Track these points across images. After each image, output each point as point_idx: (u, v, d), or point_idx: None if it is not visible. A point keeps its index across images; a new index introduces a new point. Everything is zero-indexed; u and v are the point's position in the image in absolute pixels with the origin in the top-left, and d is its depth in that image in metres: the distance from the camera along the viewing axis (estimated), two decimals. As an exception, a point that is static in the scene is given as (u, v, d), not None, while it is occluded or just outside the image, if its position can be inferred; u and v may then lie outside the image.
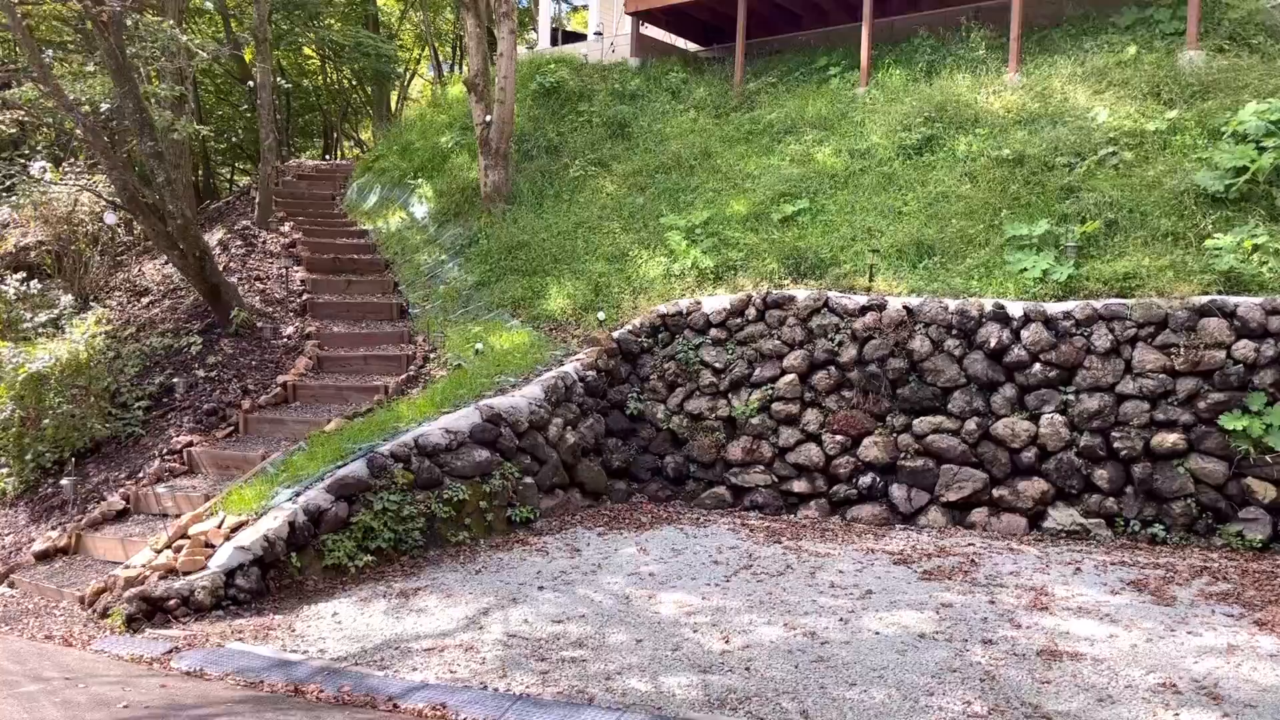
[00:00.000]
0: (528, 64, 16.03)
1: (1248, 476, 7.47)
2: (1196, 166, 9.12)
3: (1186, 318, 7.76)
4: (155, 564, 6.94)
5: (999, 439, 8.24)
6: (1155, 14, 11.67)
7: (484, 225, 13.04)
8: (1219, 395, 7.58)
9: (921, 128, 11.37)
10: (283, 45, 21.82)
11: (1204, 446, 7.61)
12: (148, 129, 10.27)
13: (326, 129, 27.40)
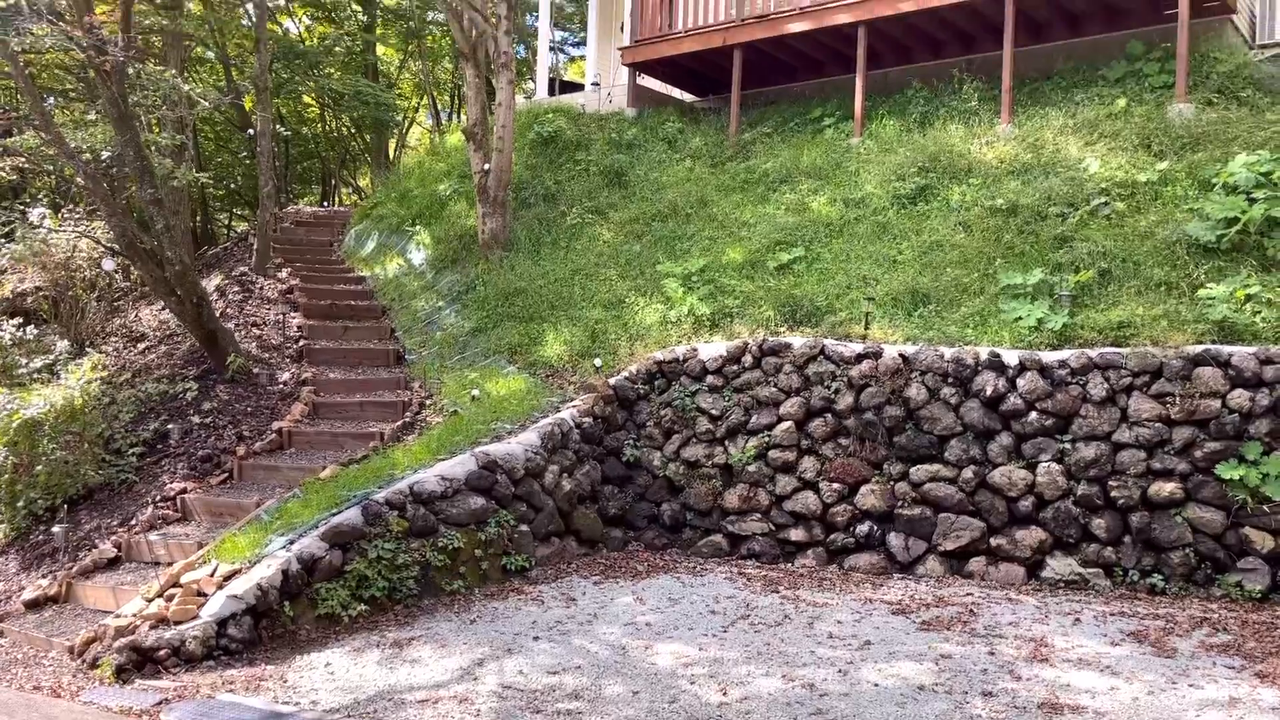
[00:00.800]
0: (526, 113, 16.20)
1: (1246, 526, 7.45)
2: (1188, 217, 9.22)
3: (1181, 367, 7.79)
4: (146, 613, 6.87)
5: (996, 487, 8.23)
6: (1144, 67, 11.85)
7: (481, 272, 13.10)
8: (1215, 444, 7.59)
9: (915, 177, 11.49)
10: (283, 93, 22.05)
11: (1201, 496, 7.60)
12: (148, 176, 10.35)
13: (325, 176, 27.61)
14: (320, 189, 28.01)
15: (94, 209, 13.42)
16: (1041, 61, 13.14)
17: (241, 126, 21.66)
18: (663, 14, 15.41)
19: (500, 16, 13.39)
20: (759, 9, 14.28)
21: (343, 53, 23.85)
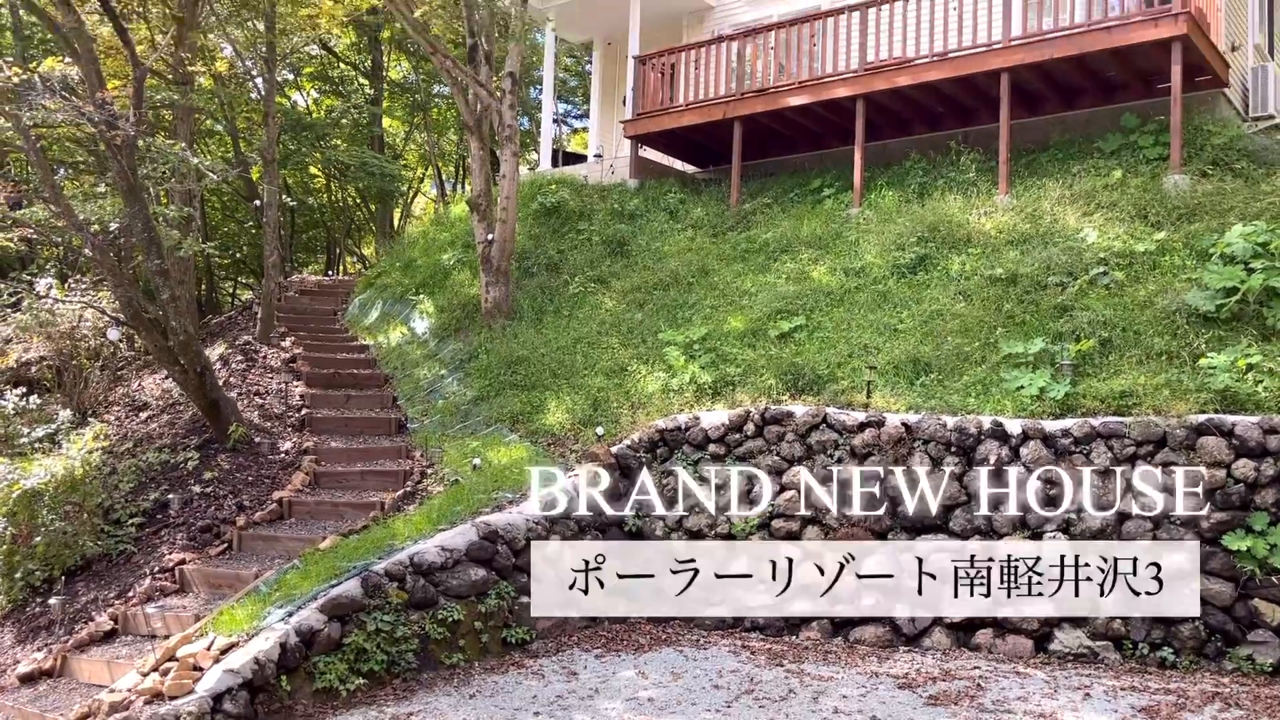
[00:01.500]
0: (529, 184, 16.41)
1: (1255, 598, 7.36)
2: (1187, 287, 9.27)
3: (1185, 436, 7.77)
4: (141, 688, 6.77)
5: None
6: (1139, 140, 12.03)
7: (484, 340, 13.16)
8: (1222, 515, 7.53)
9: (915, 247, 11.59)
10: (290, 164, 22.40)
11: (1209, 567, 7.52)
12: (155, 248, 10.46)
13: (330, 245, 27.90)
14: (325, 258, 28.28)
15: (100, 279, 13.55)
16: (1037, 133, 13.35)
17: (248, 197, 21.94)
18: (664, 88, 15.71)
19: (504, 91, 13.65)
20: (758, 83, 14.56)
21: (349, 125, 24.28)
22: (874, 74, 13.31)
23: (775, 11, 16.69)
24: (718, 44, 15.22)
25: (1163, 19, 11.12)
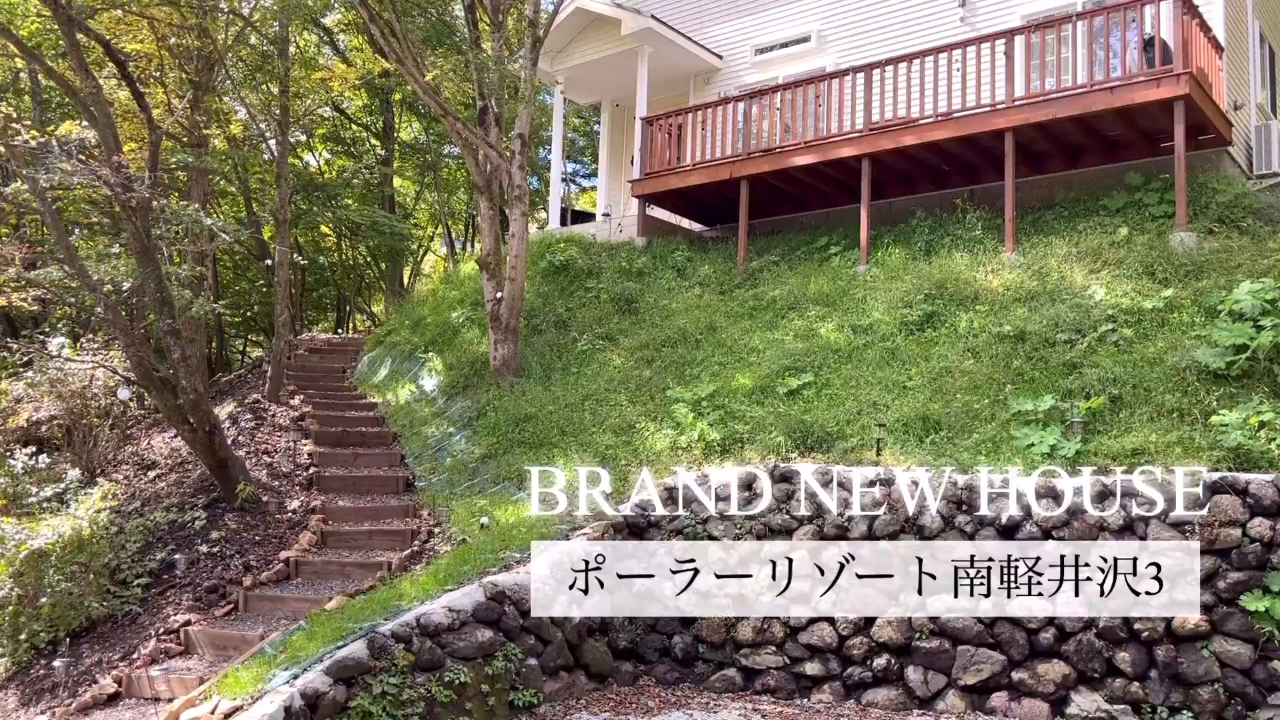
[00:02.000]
0: (538, 243, 16.55)
1: (1275, 660, 7.24)
2: (1196, 343, 9.26)
3: (1199, 495, 7.70)
4: (144, 753, 6.67)
5: (1016, 619, 8.04)
6: (1144, 197, 12.10)
7: (492, 398, 13.16)
8: (1238, 574, 7.43)
9: (923, 304, 11.61)
10: (301, 224, 22.65)
11: (1227, 628, 7.40)
12: (166, 307, 10.54)
13: (340, 303, 28.09)
14: (335, 315, 28.46)
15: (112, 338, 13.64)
16: (1042, 191, 13.44)
17: (260, 256, 22.16)
18: (671, 148, 15.89)
19: (514, 152, 13.83)
20: (765, 143, 14.72)
21: (360, 185, 24.58)
22: (879, 134, 13.45)
23: (780, 73, 16.95)
24: (724, 105, 15.43)
25: (1165, 79, 11.25)
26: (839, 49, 16.51)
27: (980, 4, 15.09)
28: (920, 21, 15.58)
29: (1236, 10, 13.86)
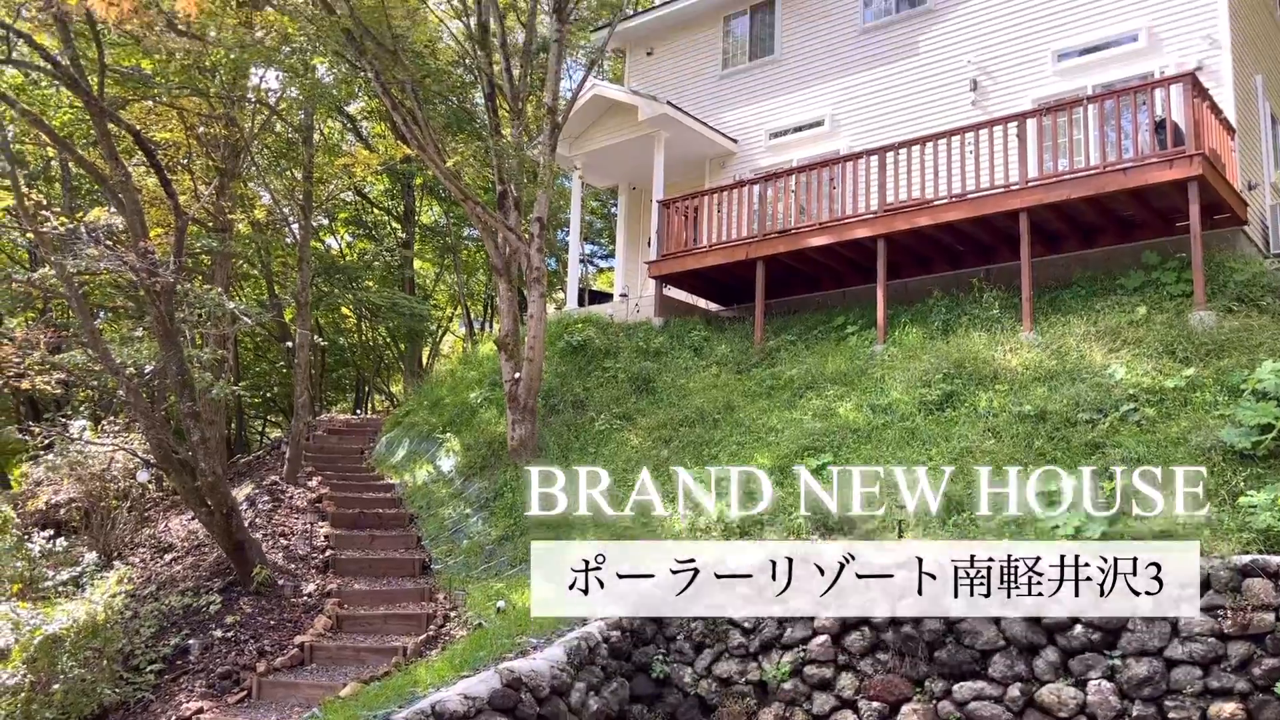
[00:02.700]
0: (556, 323, 16.66)
1: (1317, 751, 6.99)
2: (1220, 423, 9.15)
3: (1229, 578, 7.53)
4: None
5: (1045, 707, 7.82)
6: (1161, 276, 12.10)
7: (509, 479, 13.12)
8: (1273, 661, 7.23)
9: (941, 384, 11.56)
10: (322, 306, 22.92)
11: (1264, 716, 7.17)
12: (188, 390, 10.63)
13: (359, 383, 28.25)
14: (354, 396, 28.61)
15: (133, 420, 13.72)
16: (1059, 270, 13.47)
17: (280, 337, 22.37)
18: (687, 229, 16.06)
19: (533, 235, 14.01)
20: (780, 224, 14.87)
21: (381, 267, 24.92)
22: (894, 215, 13.56)
23: (795, 156, 17.20)
24: (739, 188, 15.63)
25: (1178, 160, 11.33)
26: (852, 132, 16.77)
27: (991, 88, 15.34)
28: (931, 106, 15.84)
29: (1247, 93, 14.03)
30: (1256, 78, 14.53)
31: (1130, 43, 14.09)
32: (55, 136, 10.53)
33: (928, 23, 16.34)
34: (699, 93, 19.10)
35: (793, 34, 18.14)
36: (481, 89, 15.36)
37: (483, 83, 14.94)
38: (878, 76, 16.75)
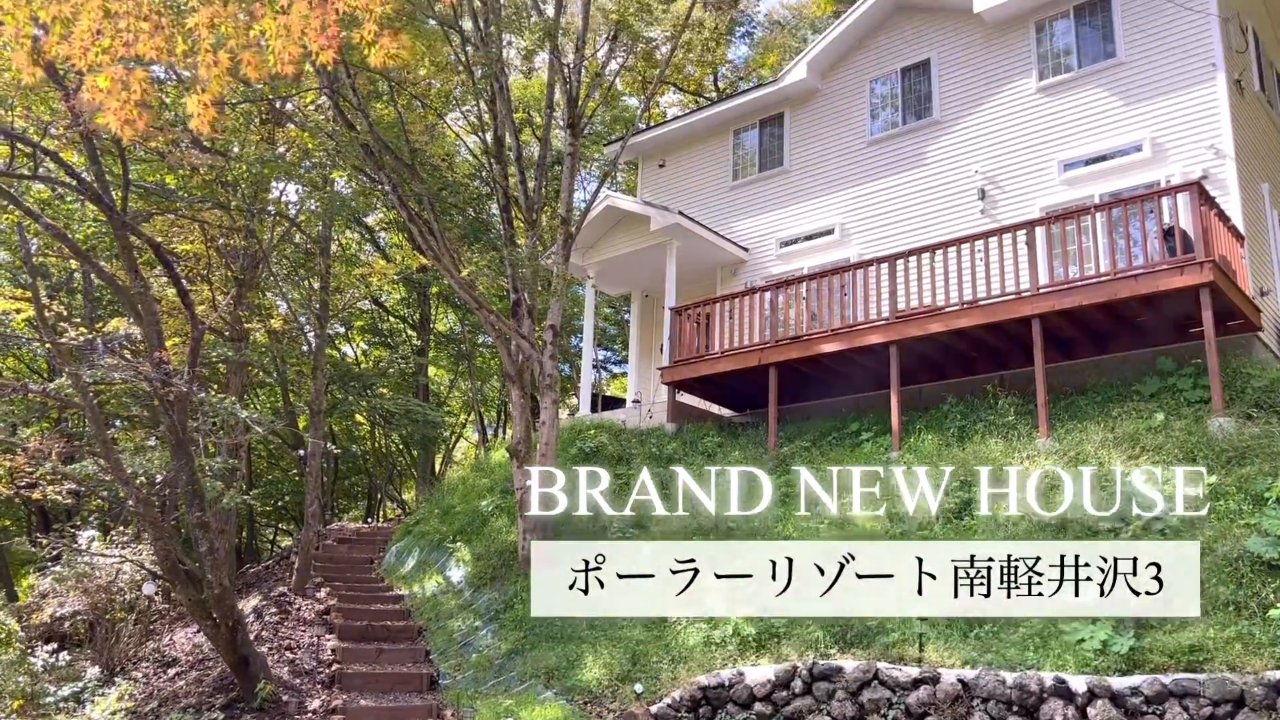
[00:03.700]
0: (569, 429, 16.60)
1: None
2: (1246, 533, 8.95)
3: (1264, 695, 7.26)
4: None
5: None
6: (1178, 382, 12.01)
7: (520, 590, 12.88)
8: (1317, 785, 6.91)
9: (959, 491, 11.40)
10: (336, 413, 22.96)
11: (1312, 846, 6.82)
12: (198, 500, 10.56)
13: (371, 491, 28.10)
14: (366, 503, 28.43)
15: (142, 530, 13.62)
16: (1074, 377, 13.39)
17: (294, 445, 22.36)
18: (699, 336, 16.13)
19: (546, 342, 14.08)
20: (792, 330, 14.91)
21: (396, 374, 25.04)
22: (905, 321, 13.59)
23: (805, 264, 17.38)
24: (751, 295, 15.74)
25: (1188, 267, 11.36)
26: (862, 240, 16.97)
27: (999, 197, 15.55)
28: (940, 214, 16.05)
29: (1254, 200, 14.16)
30: (1263, 185, 14.69)
31: (1135, 153, 14.31)
32: (77, 250, 10.73)
33: (935, 134, 16.67)
34: (710, 202, 19.43)
35: (801, 146, 18.53)
36: (497, 200, 15.66)
37: (498, 195, 15.23)
38: (886, 186, 17.02)
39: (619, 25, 13.96)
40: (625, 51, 18.26)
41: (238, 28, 4.22)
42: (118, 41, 4.11)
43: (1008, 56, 16.14)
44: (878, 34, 18.00)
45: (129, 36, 4.09)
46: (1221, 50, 13.95)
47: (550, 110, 15.39)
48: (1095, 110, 14.91)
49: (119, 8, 4.05)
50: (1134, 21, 14.87)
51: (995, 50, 16.31)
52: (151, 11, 4.08)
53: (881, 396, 14.58)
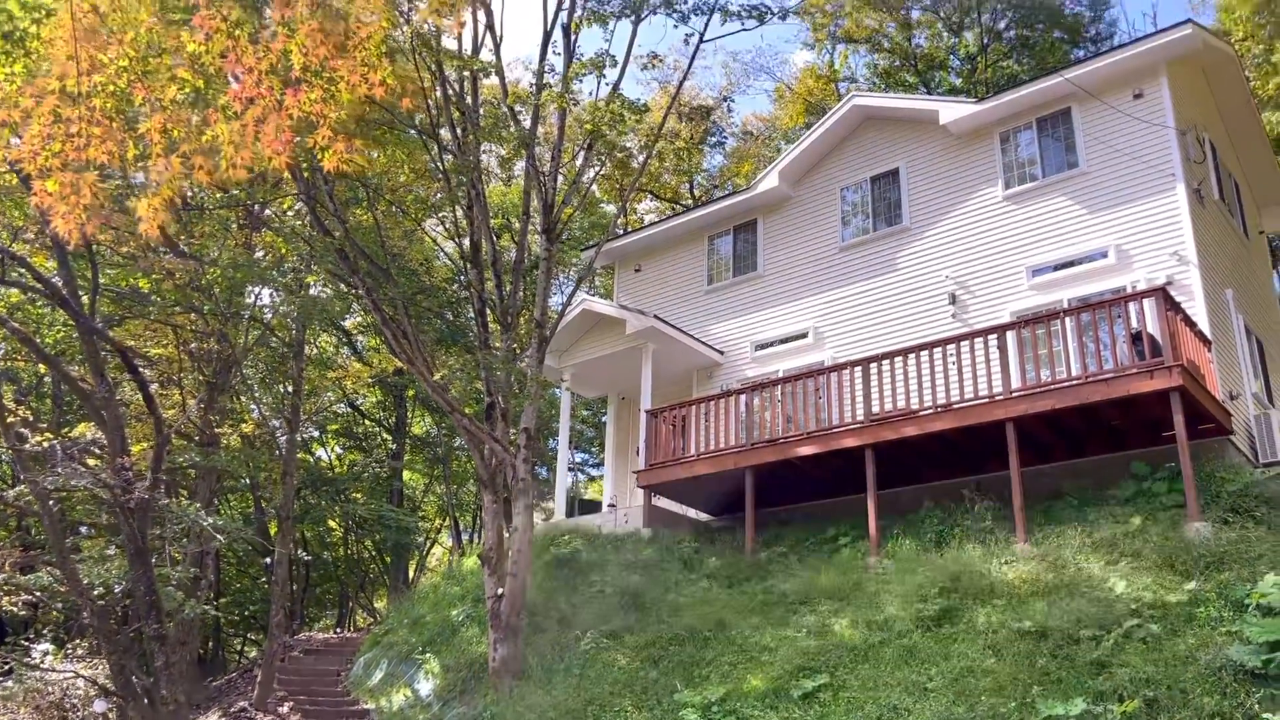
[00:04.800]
0: (543, 535, 16.34)
1: None
2: (1228, 640, 8.79)
3: (1256, 814, 7.01)
4: None
5: None
6: (1153, 486, 11.98)
7: (490, 703, 12.47)
8: None
9: (938, 599, 11.20)
10: (308, 519, 22.55)
11: None
12: (155, 611, 10.24)
13: (342, 599, 27.46)
14: (337, 612, 27.74)
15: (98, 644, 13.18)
16: (1049, 481, 13.35)
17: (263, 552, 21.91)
18: (675, 439, 16.03)
19: (519, 445, 13.95)
20: (768, 434, 14.85)
21: (370, 479, 24.72)
22: (880, 425, 13.57)
23: (780, 367, 17.44)
24: (726, 397, 15.72)
25: (1157, 371, 11.44)
26: (835, 344, 17.08)
27: (970, 302, 15.74)
28: (912, 318, 16.21)
29: (1218, 306, 14.38)
30: (1227, 292, 14.94)
31: (1101, 259, 14.57)
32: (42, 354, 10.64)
33: (905, 240, 16.96)
34: (685, 306, 19.58)
35: (774, 251, 18.80)
36: (472, 304, 15.71)
37: (473, 298, 15.29)
38: (859, 291, 17.22)
39: (593, 134, 14.24)
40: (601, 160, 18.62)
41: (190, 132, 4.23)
42: (69, 146, 4.11)
43: (974, 166, 16.55)
44: (847, 144, 18.45)
45: (80, 141, 4.10)
46: (1180, 161, 14.35)
47: (527, 216, 15.58)
48: (1061, 218, 15.23)
49: (71, 113, 4.07)
50: (1093, 133, 15.32)
51: (962, 159, 16.72)
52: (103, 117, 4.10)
53: (859, 500, 14.45)
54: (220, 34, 4.18)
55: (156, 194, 4.37)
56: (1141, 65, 14.97)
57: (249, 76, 4.23)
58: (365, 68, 4.53)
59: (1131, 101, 15.00)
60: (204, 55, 4.23)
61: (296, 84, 4.33)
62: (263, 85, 4.23)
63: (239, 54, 4.22)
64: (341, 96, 4.47)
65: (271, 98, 4.19)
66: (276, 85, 4.28)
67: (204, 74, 4.30)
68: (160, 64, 4.20)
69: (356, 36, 4.47)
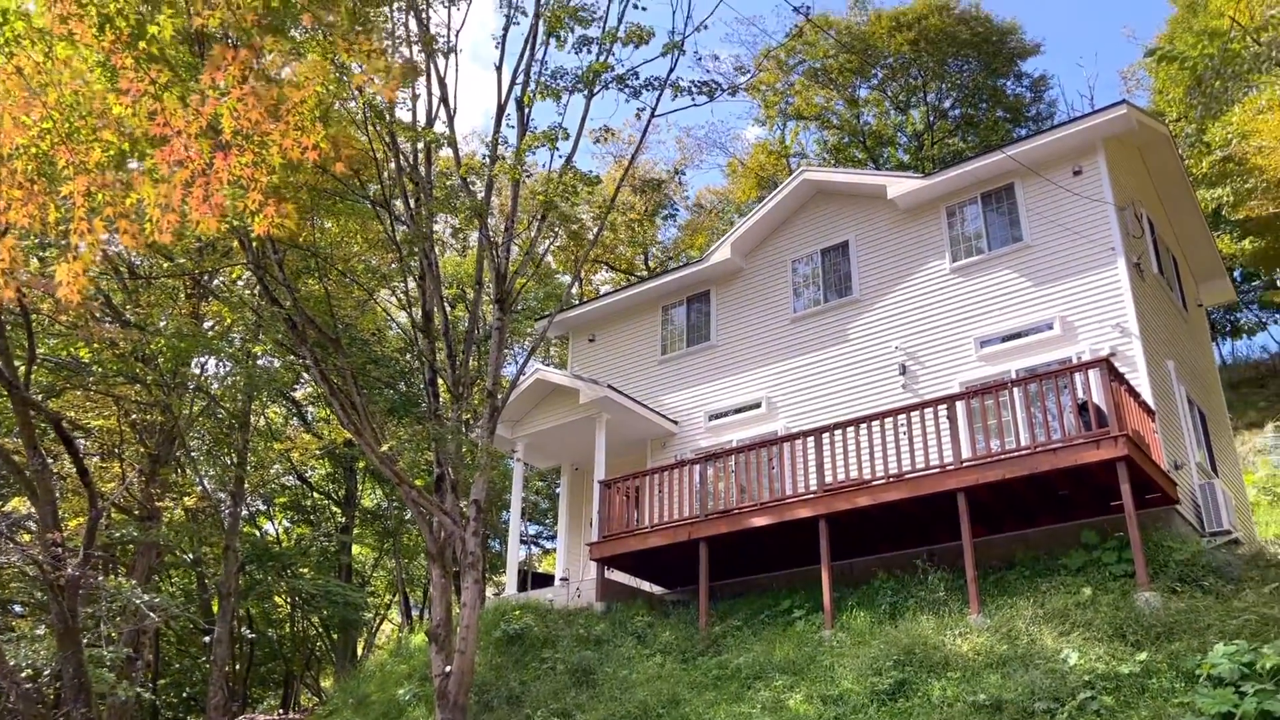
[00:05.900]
0: (493, 610, 15.99)
1: None
2: (1180, 711, 8.75)
3: None
4: None
5: None
6: (1102, 556, 12.02)
7: (436, 788, 12.03)
8: None
9: (892, 671, 11.07)
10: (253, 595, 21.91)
11: None
12: (83, 694, 9.81)
13: (287, 678, 26.59)
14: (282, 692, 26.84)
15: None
16: (1001, 550, 13.36)
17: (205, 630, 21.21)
18: (629, 510, 15.87)
19: (469, 518, 13.68)
20: (722, 505, 14.75)
21: (317, 553, 24.15)
22: (834, 495, 13.54)
23: (734, 437, 17.40)
24: (680, 467, 15.63)
25: (1104, 441, 11.57)
26: (788, 414, 17.11)
27: (920, 372, 15.88)
28: (864, 388, 16.31)
29: (1161, 377, 14.63)
30: (1168, 363, 15.22)
31: (1047, 330, 14.81)
32: (-25, 425, 10.31)
33: (855, 312, 17.14)
34: (640, 376, 19.55)
35: (728, 322, 18.90)
36: (424, 374, 15.55)
37: (425, 368, 15.14)
38: (811, 361, 17.32)
39: (547, 206, 14.31)
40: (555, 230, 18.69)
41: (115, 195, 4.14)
42: (-13, 209, 4.01)
43: (922, 239, 16.84)
44: (797, 217, 18.73)
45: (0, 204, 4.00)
46: (1120, 235, 14.71)
47: (480, 286, 15.53)
48: (1007, 290, 15.50)
49: (-9, 175, 3.98)
50: (1036, 209, 15.69)
51: (910, 233, 17.02)
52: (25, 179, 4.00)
53: (813, 571, 14.34)
54: (148, 96, 4.12)
55: (78, 258, 4.26)
56: (1080, 143, 15.41)
57: (178, 139, 4.17)
58: (298, 131, 4.49)
59: (1071, 178, 15.40)
60: (130, 118, 4.17)
61: (227, 148, 4.27)
62: (192, 149, 4.17)
63: (167, 116, 4.16)
64: (273, 160, 4.43)
65: (201, 160, 4.13)
66: (205, 148, 4.22)
67: (129, 137, 4.23)
68: (85, 124, 4.13)
69: (290, 100, 4.45)
